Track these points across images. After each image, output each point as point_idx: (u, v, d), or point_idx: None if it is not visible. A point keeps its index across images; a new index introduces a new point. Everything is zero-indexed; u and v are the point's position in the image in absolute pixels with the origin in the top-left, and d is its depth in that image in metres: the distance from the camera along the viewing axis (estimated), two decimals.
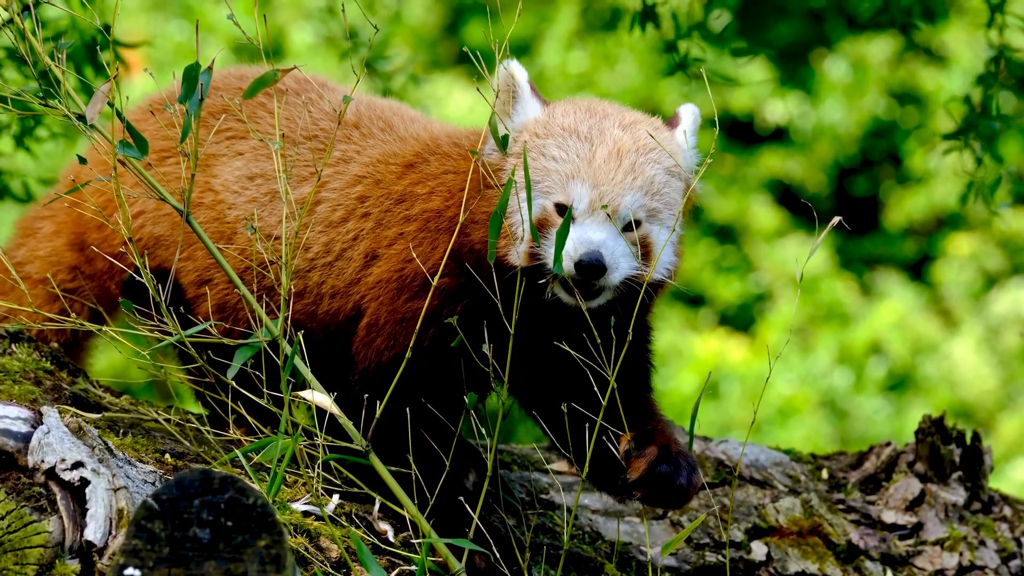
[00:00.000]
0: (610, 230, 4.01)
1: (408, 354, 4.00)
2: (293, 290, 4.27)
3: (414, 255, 4.15)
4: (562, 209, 4.02)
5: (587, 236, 3.98)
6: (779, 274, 12.43)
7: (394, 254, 4.23)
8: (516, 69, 4.19)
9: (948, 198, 12.21)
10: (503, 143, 4.09)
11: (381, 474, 3.93)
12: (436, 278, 4.04)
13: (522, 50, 12.24)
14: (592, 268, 3.95)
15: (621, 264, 4.01)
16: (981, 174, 5.86)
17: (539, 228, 4.01)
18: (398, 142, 4.42)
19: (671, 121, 4.25)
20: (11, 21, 3.89)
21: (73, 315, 4.34)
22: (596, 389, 4.00)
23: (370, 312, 4.22)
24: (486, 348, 3.96)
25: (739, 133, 12.75)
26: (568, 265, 3.96)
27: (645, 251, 4.07)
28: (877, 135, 12.93)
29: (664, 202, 4.10)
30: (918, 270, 12.92)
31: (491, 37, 4.06)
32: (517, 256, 4.02)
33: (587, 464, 4.03)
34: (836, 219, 3.88)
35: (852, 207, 12.78)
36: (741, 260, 12.64)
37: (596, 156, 4.05)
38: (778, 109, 12.61)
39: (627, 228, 4.06)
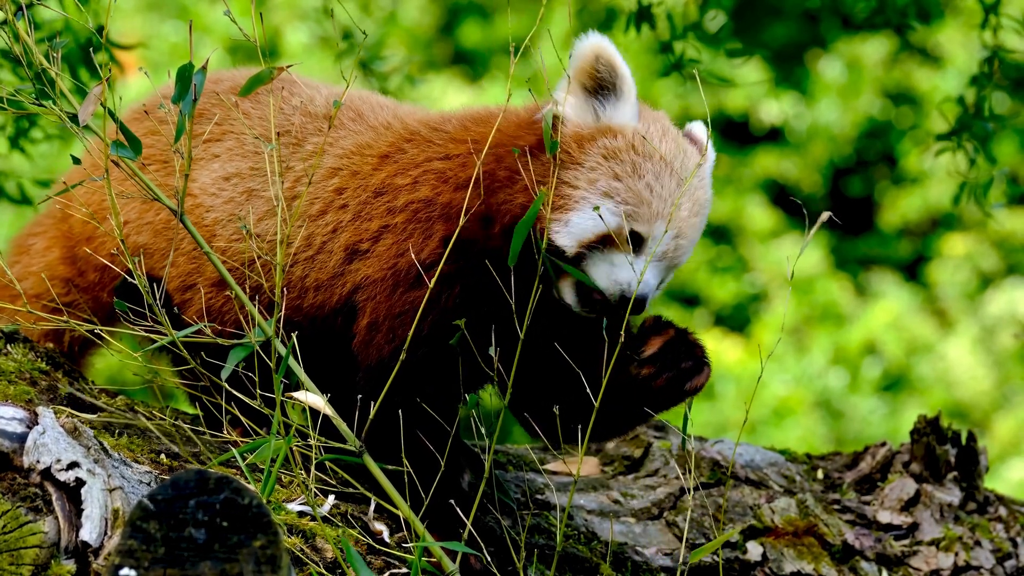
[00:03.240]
0: (658, 277, 4.10)
1: (406, 348, 3.99)
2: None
3: (407, 248, 4.14)
4: (635, 236, 4.06)
5: (648, 279, 4.04)
6: (774, 275, 12.44)
7: (383, 250, 4.22)
8: (619, 61, 4.25)
9: (943, 198, 12.22)
10: (552, 146, 4.08)
11: (375, 474, 3.93)
12: (454, 260, 4.04)
13: (516, 51, 12.22)
14: (634, 306, 4.01)
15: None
16: (974, 175, 5.87)
17: (598, 240, 4.04)
18: (370, 132, 4.40)
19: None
20: (5, 22, 3.89)
21: (66, 317, 4.34)
22: (587, 382, 4.02)
23: (368, 312, 4.22)
24: (492, 350, 3.97)
25: (734, 134, 12.76)
26: (615, 291, 4.01)
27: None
28: (872, 135, 12.94)
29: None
30: (913, 270, 12.93)
31: (487, 40, 4.05)
32: (567, 239, 4.03)
33: (582, 450, 4.03)
34: (826, 214, 3.88)
35: (847, 207, 12.79)
36: (736, 260, 12.65)
37: (683, 206, 4.09)
38: (773, 110, 12.62)
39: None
